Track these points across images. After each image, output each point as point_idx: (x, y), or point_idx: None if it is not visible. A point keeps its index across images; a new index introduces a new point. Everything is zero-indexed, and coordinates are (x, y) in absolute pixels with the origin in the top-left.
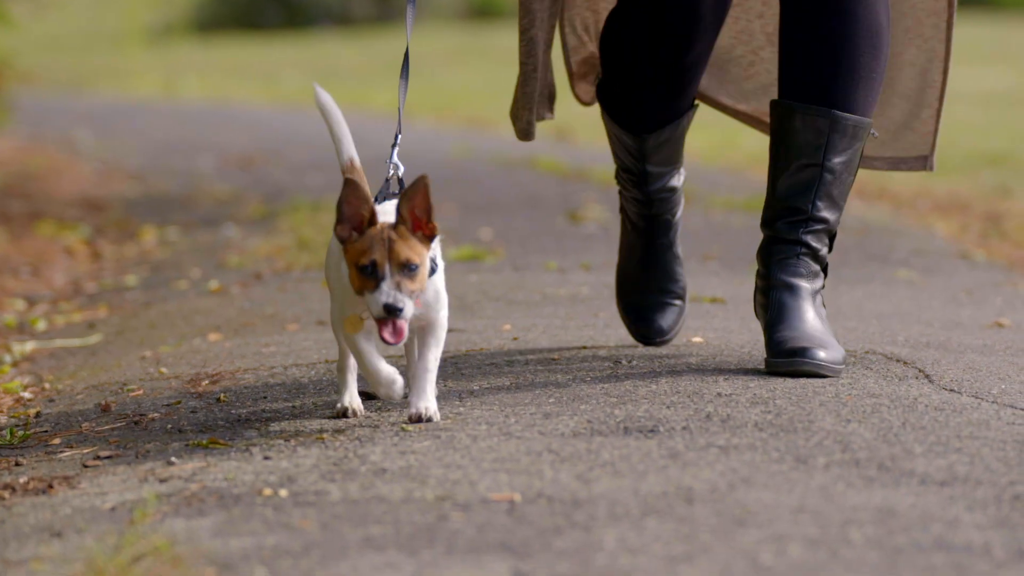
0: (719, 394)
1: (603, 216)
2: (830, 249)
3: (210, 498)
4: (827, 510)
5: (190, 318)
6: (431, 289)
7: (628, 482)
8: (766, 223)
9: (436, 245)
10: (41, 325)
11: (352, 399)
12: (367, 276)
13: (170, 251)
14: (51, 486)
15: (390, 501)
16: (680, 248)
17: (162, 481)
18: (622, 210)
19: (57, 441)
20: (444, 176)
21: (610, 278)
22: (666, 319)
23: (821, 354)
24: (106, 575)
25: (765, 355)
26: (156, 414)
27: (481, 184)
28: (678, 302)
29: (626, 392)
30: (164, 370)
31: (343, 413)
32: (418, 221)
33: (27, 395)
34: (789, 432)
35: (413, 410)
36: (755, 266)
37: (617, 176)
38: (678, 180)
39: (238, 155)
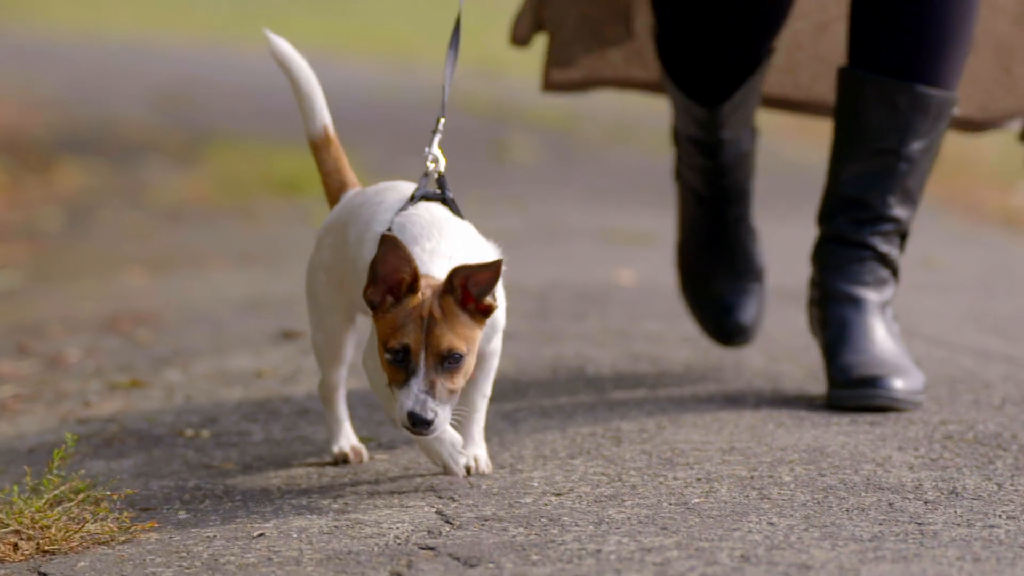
0: (648, 333)
1: (529, 153)
2: (902, 249)
3: (131, 439)
4: (757, 450)
5: (111, 256)
6: (488, 323)
7: (555, 422)
8: (824, 218)
9: (499, 283)
10: None
11: (349, 439)
12: (396, 365)
13: (91, 188)
14: None
15: (314, 442)
16: (754, 220)
17: (81, 422)
18: (678, 178)
19: None
20: (368, 118)
21: (539, 214)
22: (745, 311)
23: (897, 383)
24: (24, 518)
25: (826, 384)
26: (76, 354)
27: (406, 124)
28: (755, 286)
29: (555, 331)
30: (84, 309)
31: (342, 459)
32: (469, 294)
33: None
34: (719, 371)
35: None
36: None
37: (676, 141)
38: (752, 143)
39: (162, 91)
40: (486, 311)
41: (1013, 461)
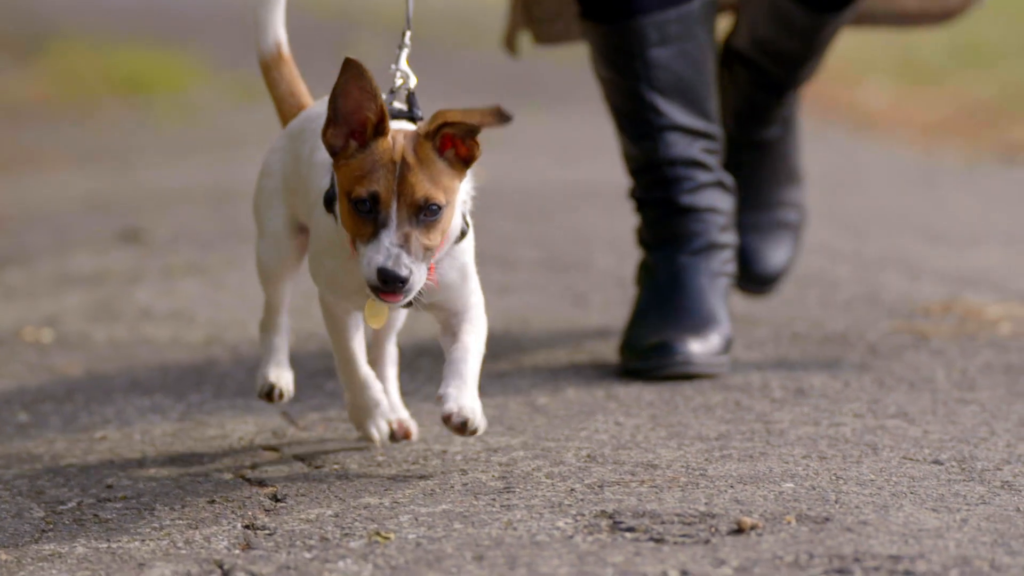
0: (498, 233)
1: (377, 53)
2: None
3: None
4: (604, 350)
5: None
6: (455, 265)
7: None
8: None
9: (467, 195)
10: None
11: (280, 374)
12: (362, 216)
13: None
14: None
15: (157, 343)
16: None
17: None
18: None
19: None
20: (211, 14)
21: None
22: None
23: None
24: None
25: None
26: None
27: (243, 27)
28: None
29: None
30: None
31: (267, 392)
32: (449, 136)
33: None
34: (568, 272)
35: (445, 408)
36: (536, 99)
37: (631, 189)
38: (715, 167)
39: None
40: (468, 159)
41: (860, 360)
